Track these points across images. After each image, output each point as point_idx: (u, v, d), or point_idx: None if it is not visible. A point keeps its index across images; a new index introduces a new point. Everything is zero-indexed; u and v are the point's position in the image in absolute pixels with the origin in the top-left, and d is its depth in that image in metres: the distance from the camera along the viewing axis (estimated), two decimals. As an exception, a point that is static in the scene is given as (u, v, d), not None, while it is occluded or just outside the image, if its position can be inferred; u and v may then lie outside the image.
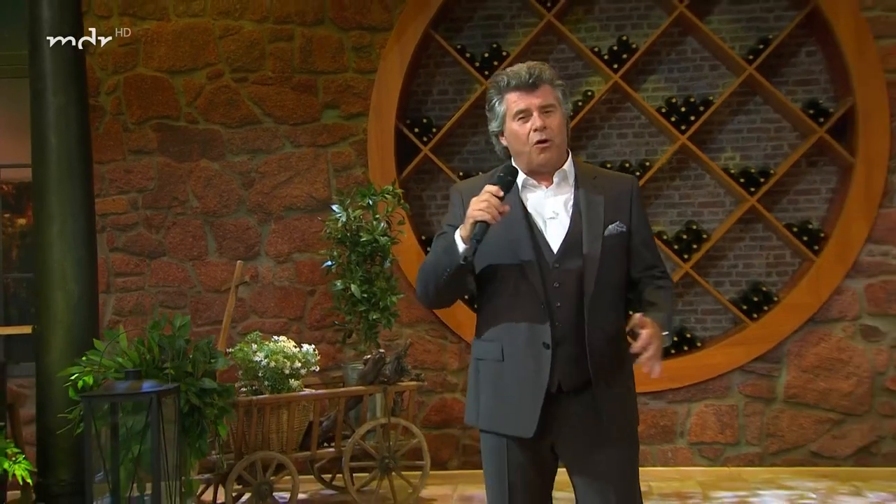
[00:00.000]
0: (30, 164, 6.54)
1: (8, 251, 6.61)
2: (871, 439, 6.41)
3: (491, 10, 6.84)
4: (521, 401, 2.88)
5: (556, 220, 2.90)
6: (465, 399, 6.22)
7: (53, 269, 4.36)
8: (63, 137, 4.37)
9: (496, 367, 2.95)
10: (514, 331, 2.91)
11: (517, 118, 2.87)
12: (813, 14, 6.46)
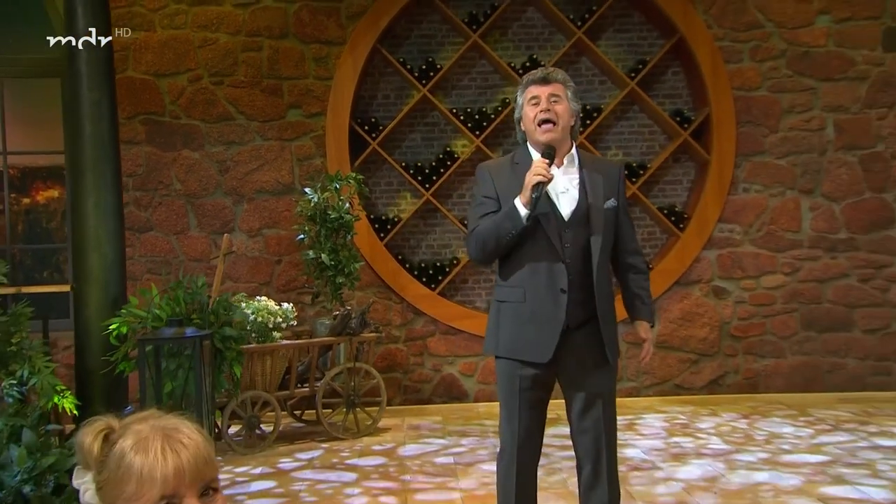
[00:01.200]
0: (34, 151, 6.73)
1: (15, 225, 6.86)
2: (719, 373, 7.20)
3: (426, 30, 7.26)
4: (541, 334, 3.15)
5: (566, 195, 3.21)
6: (405, 348, 6.79)
7: (89, 237, 4.55)
8: (96, 126, 4.57)
9: (519, 307, 3.21)
10: (536, 279, 3.18)
11: (530, 103, 3.20)
12: (679, 42, 7.10)
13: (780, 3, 7.10)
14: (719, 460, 5.14)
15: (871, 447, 5.35)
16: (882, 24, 7.14)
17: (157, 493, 1.35)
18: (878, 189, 7.17)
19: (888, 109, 7.15)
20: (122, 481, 1.38)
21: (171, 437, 1.40)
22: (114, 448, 1.43)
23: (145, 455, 1.39)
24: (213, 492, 1.40)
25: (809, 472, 4.85)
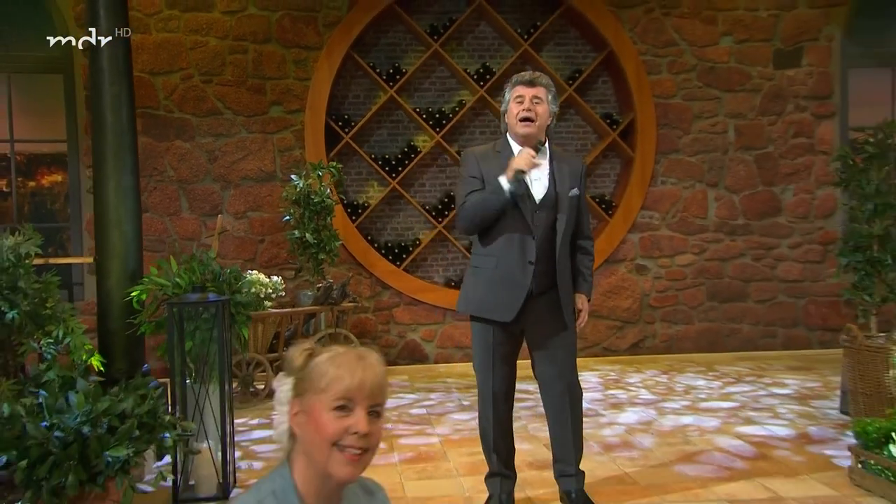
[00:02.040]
0: (38, 139, 6.57)
1: (21, 206, 6.68)
2: (640, 337, 7.45)
3: (393, 39, 7.28)
4: (508, 297, 3.27)
5: (539, 182, 3.31)
6: (374, 317, 6.84)
7: (111, 215, 4.45)
8: (117, 116, 4.46)
9: (491, 272, 3.31)
10: (509, 250, 3.29)
11: (515, 100, 3.29)
12: (609, 56, 7.28)
13: (691, 25, 7.33)
14: (650, 408, 5.32)
15: (769, 395, 5.64)
16: (773, 45, 7.44)
17: (340, 393, 1.49)
18: (768, 183, 7.47)
19: (777, 117, 7.46)
20: (316, 379, 1.53)
21: (362, 357, 1.55)
22: (314, 360, 1.56)
23: (339, 364, 1.53)
24: (377, 416, 1.53)
25: (724, 416, 5.07)
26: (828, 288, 7.48)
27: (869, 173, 5.02)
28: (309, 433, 1.52)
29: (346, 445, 1.49)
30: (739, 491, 3.66)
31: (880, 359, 4.34)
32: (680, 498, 3.59)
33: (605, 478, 3.83)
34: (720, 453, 4.26)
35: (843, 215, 7.51)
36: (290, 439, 1.60)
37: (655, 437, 4.61)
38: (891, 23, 7.69)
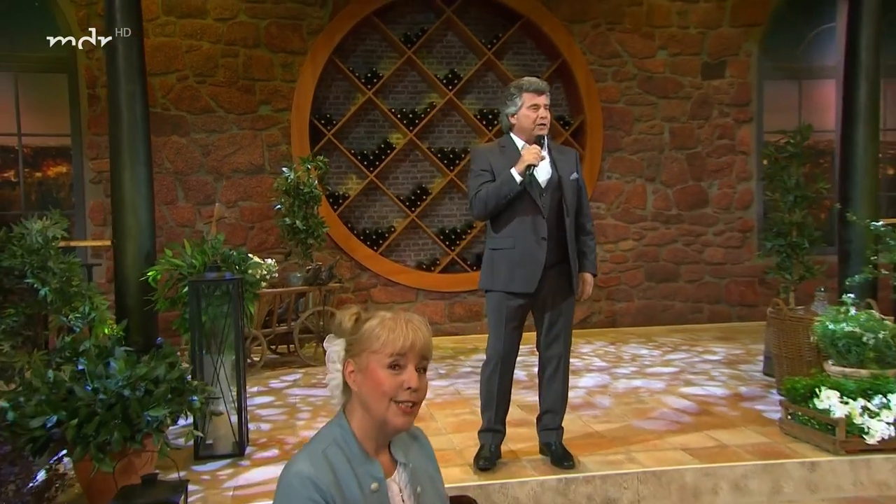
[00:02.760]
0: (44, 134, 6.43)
1: (28, 195, 6.52)
2: (588, 313, 7.59)
3: (370, 46, 7.29)
4: (528, 272, 3.35)
5: (542, 169, 3.37)
6: (354, 297, 6.87)
7: (126, 202, 4.44)
8: (132, 112, 4.44)
9: (510, 252, 3.39)
10: (523, 231, 3.36)
11: (530, 108, 3.34)
12: (561, 65, 7.41)
13: (632, 39, 7.50)
14: (604, 374, 5.48)
15: (703, 361, 5.85)
16: (701, 59, 7.67)
17: (393, 351, 1.55)
18: (697, 178, 7.71)
19: (704, 121, 7.70)
20: (370, 341, 1.58)
21: (409, 321, 1.60)
22: (364, 324, 1.63)
23: (390, 328, 1.59)
24: (424, 371, 1.60)
25: (668, 379, 5.25)
26: (746, 269, 7.79)
27: (789, 170, 5.27)
28: (366, 389, 1.58)
29: (400, 399, 1.56)
30: (690, 441, 3.84)
31: (801, 328, 4.58)
32: (641, 448, 3.76)
33: (576, 433, 3.94)
34: (669, 410, 4.44)
35: (758, 207, 7.83)
36: (343, 393, 1.67)
37: (613, 398, 4.77)
38: (798, 42, 8.02)
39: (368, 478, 1.58)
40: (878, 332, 4.07)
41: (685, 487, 3.44)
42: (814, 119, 7.52)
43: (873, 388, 3.84)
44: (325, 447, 1.59)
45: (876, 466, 3.58)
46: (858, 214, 5.10)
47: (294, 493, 1.52)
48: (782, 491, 3.50)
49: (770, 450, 3.69)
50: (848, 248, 5.39)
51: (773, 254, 5.31)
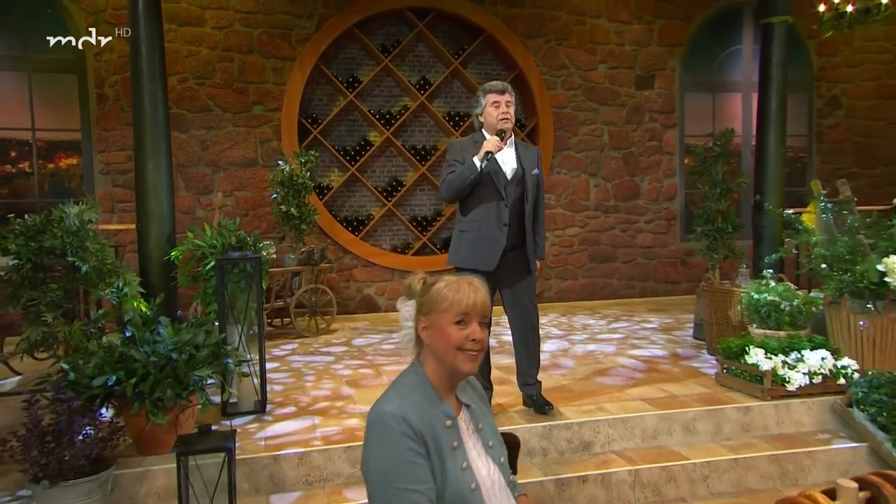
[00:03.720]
0: (56, 129, 6.29)
1: (42, 185, 6.30)
2: (541, 290, 7.72)
3: (351, 54, 7.27)
4: (489, 252, 3.42)
5: (508, 164, 3.48)
6: (337, 276, 6.92)
7: (150, 189, 4.36)
8: (154, 109, 4.35)
9: (475, 235, 3.45)
10: (488, 216, 3.43)
11: (493, 105, 3.44)
12: (518, 74, 7.52)
13: (577, 54, 7.67)
14: (563, 340, 5.66)
15: (642, 329, 6.08)
16: (634, 72, 7.92)
17: (460, 310, 1.66)
18: (631, 174, 7.98)
19: (637, 125, 7.97)
20: (439, 302, 1.68)
21: (470, 283, 1.70)
22: (432, 287, 1.73)
23: (455, 290, 1.69)
24: (485, 325, 1.71)
25: (616, 344, 5.46)
26: (670, 252, 8.12)
27: (716, 167, 5.58)
28: (438, 342, 1.68)
29: (466, 349, 1.67)
30: (645, 392, 4.07)
31: (728, 298, 4.88)
32: (606, 399, 3.96)
33: (549, 388, 4.06)
34: (623, 368, 4.66)
35: (681, 198, 8.17)
36: (416, 346, 1.77)
37: (574, 360, 4.94)
38: (712, 60, 8.37)
39: (442, 416, 1.67)
40: (792, 300, 4.39)
41: (646, 430, 3.67)
42: (724, 126, 7.87)
43: (790, 346, 4.15)
44: (406, 391, 1.68)
45: (794, 409, 3.89)
46: (772, 205, 5.45)
47: (388, 429, 1.59)
48: (722, 431, 3.77)
49: (711, 398, 3.95)
50: (761, 233, 5.72)
51: (702, 237, 5.61)
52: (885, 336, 4.16)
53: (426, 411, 1.65)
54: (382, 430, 1.61)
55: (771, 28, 5.75)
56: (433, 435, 1.63)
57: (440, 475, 1.62)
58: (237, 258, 3.87)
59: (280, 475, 3.21)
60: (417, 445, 1.59)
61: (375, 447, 1.62)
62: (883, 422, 3.67)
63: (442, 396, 1.71)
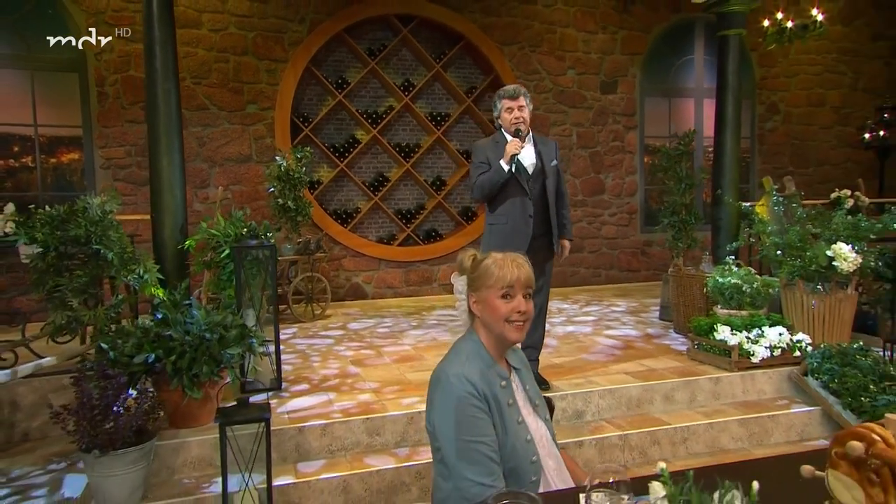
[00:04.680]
0: (57, 125, 6.17)
1: (45, 179, 6.15)
2: None
3: (339, 57, 7.26)
4: (518, 241, 3.48)
5: (529, 160, 3.56)
6: (328, 265, 6.94)
7: (164, 182, 4.28)
8: (168, 106, 4.27)
9: (503, 227, 3.54)
10: (514, 210, 3.53)
11: (506, 110, 3.55)
12: (494, 78, 7.59)
13: (548, 60, 7.81)
14: (541, 321, 5.88)
15: (612, 312, 6.26)
16: (600, 78, 8.11)
17: (505, 284, 1.76)
18: (597, 171, 8.17)
19: (602, 127, 8.16)
20: (487, 277, 1.78)
21: (514, 260, 1.79)
22: (480, 263, 1.83)
23: (501, 266, 1.78)
24: (530, 297, 1.80)
25: (592, 325, 5.62)
26: (631, 243, 8.35)
27: (680, 164, 5.82)
28: (487, 314, 1.78)
29: (513, 320, 1.76)
30: (627, 367, 4.25)
31: (693, 282, 5.11)
32: (593, 373, 4.12)
33: (541, 365, 4.18)
34: (603, 346, 4.84)
35: (641, 194, 8.42)
36: (469, 316, 1.88)
37: (557, 340, 5.09)
38: (668, 69, 8.65)
39: (498, 377, 1.77)
40: (752, 283, 4.64)
41: (631, 399, 3.86)
42: (680, 128, 8.15)
43: (752, 323, 4.39)
44: (465, 356, 1.77)
45: (757, 378, 4.14)
46: (730, 198, 5.71)
47: (454, 389, 1.69)
48: (696, 399, 3.99)
49: (685, 370, 4.17)
50: (719, 224, 5.98)
51: (668, 228, 5.84)
52: (833, 314, 4.45)
53: (484, 373, 1.75)
54: (449, 391, 1.71)
55: (727, 40, 5.99)
56: (492, 394, 1.73)
57: (501, 428, 1.72)
58: (254, 246, 3.91)
59: (305, 445, 3.28)
60: (480, 403, 1.70)
61: (444, 406, 1.72)
62: (834, 387, 3.94)
63: (496, 360, 1.81)
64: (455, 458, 1.68)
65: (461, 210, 7.69)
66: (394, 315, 6.33)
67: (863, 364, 3.98)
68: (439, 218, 7.66)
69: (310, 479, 3.04)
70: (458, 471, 1.67)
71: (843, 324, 4.49)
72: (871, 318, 5.16)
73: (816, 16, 7.33)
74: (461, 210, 7.69)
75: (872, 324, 5.14)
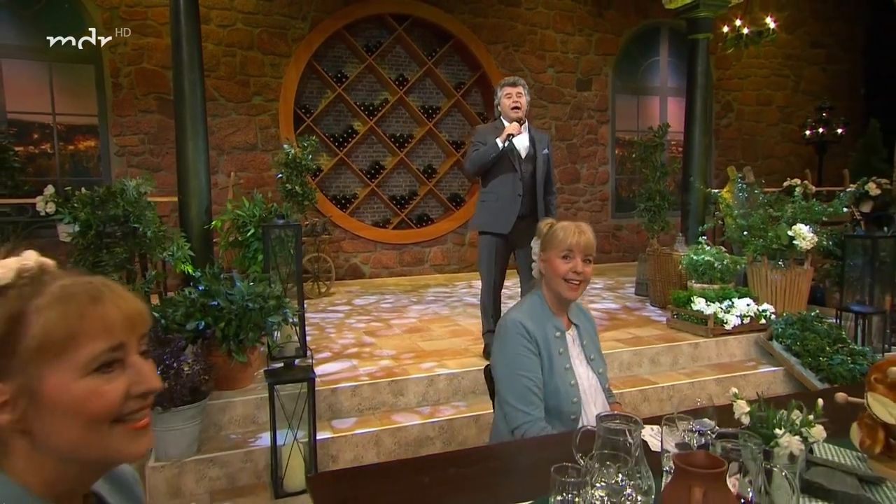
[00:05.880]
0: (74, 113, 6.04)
1: (63, 165, 6.03)
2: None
3: (339, 53, 7.25)
4: (506, 218, 3.58)
5: (522, 145, 3.65)
6: (328, 247, 6.90)
7: (191, 166, 4.23)
8: (194, 96, 4.22)
9: (494, 203, 3.61)
10: (505, 188, 3.60)
11: (506, 96, 3.65)
12: (481, 75, 7.69)
13: (530, 59, 7.91)
14: (529, 297, 6.02)
15: (592, 288, 6.24)
16: (576, 76, 8.26)
17: (566, 247, 1.85)
18: (574, 162, 8.34)
19: (578, 121, 8.31)
20: (552, 240, 1.88)
21: (578, 226, 1.89)
22: (551, 228, 1.94)
23: (565, 230, 1.89)
24: (589, 262, 1.87)
25: None
26: (604, 227, 8.54)
27: (655, 155, 6.03)
28: (549, 272, 1.88)
29: (569, 279, 1.86)
30: (616, 335, 4.42)
31: (669, 260, 5.33)
32: (586, 338, 4.32)
33: None
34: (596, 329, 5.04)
35: (612, 182, 8.63)
36: (538, 275, 1.97)
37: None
38: (637, 69, 8.85)
39: (553, 328, 1.88)
40: (723, 260, 4.87)
41: (623, 363, 4.04)
42: (645, 124, 8.37)
43: (723, 295, 4.61)
44: (526, 306, 1.89)
45: (730, 343, 4.36)
46: (699, 185, 5.94)
47: (508, 331, 1.82)
48: (678, 362, 4.19)
49: (667, 337, 4.36)
50: (688, 209, 6.21)
51: (644, 213, 6.04)
52: (792, 286, 4.71)
53: (541, 322, 1.86)
54: (506, 333, 1.84)
55: (696, 43, 6.19)
56: (544, 339, 1.85)
57: (547, 369, 1.84)
58: (281, 225, 3.94)
59: (338, 405, 3.37)
60: (530, 344, 1.81)
61: (500, 344, 1.86)
62: (796, 350, 4.19)
63: (555, 314, 1.91)
64: (503, 387, 1.82)
65: (450, 196, 7.77)
66: (393, 292, 6.40)
67: (819, 329, 4.24)
68: (430, 203, 7.73)
69: (346, 434, 3.14)
70: (504, 397, 1.80)
71: (800, 295, 4.76)
72: (820, 290, 5.47)
73: (769, 24, 7.62)
74: (450, 196, 7.77)
75: (821, 295, 5.46)
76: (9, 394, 0.70)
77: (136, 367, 0.75)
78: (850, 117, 9.61)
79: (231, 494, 2.83)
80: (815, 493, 1.15)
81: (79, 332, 0.71)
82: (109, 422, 0.72)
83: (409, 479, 1.29)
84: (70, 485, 0.75)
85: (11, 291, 0.72)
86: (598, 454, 1.12)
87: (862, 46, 10.08)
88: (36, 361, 0.70)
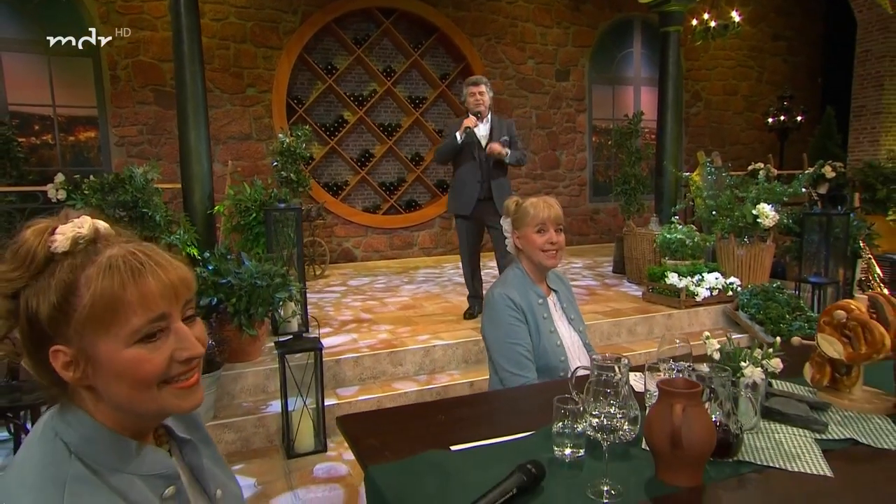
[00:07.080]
0: (74, 105, 6.01)
1: (64, 155, 6.00)
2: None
3: (328, 45, 7.25)
4: (468, 201, 3.87)
5: (483, 135, 3.89)
6: (322, 232, 6.96)
7: (193, 154, 4.27)
8: (195, 86, 4.25)
9: (460, 189, 3.89)
10: (468, 174, 3.87)
11: (470, 94, 3.88)
12: (465, 66, 7.72)
13: (512, 51, 7.98)
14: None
15: (573, 268, 6.51)
16: (555, 67, 8.35)
17: (539, 221, 1.96)
18: (553, 149, 8.45)
19: (557, 110, 8.42)
20: (524, 217, 1.98)
21: (545, 201, 2.00)
22: (521, 206, 2.05)
23: (534, 206, 1.99)
24: (562, 231, 1.98)
25: None
26: (581, 211, 8.70)
27: (631, 141, 6.18)
28: (527, 246, 1.99)
29: (546, 249, 1.97)
30: (596, 308, 4.58)
31: (644, 238, 5.51)
32: (568, 311, 4.49)
33: None
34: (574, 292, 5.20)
35: (589, 168, 8.79)
36: (514, 250, 2.13)
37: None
38: (612, 60, 8.98)
39: (535, 296, 1.99)
40: (693, 237, 5.06)
41: (603, 333, 4.21)
42: (620, 112, 8.51)
43: (694, 270, 4.81)
44: (509, 279, 1.99)
45: (701, 314, 4.56)
46: (671, 169, 6.11)
47: (496, 305, 1.92)
48: (654, 332, 4.37)
49: (643, 309, 4.54)
50: (661, 191, 6.39)
51: (620, 195, 6.22)
52: (755, 261, 4.92)
53: (524, 292, 1.98)
54: (493, 306, 1.95)
55: (668, 35, 6.33)
56: (529, 308, 1.97)
57: (535, 334, 1.97)
58: (283, 208, 4.03)
59: (341, 374, 3.50)
60: (518, 314, 1.93)
61: (490, 317, 1.97)
62: (760, 318, 4.40)
63: (535, 283, 2.04)
64: (497, 356, 1.93)
65: (437, 182, 7.86)
66: (385, 274, 6.50)
67: (780, 299, 4.46)
68: (418, 189, 7.81)
69: (350, 400, 3.27)
70: (499, 363, 1.92)
71: (763, 269, 4.97)
72: (781, 264, 5.70)
73: (735, 17, 7.80)
74: (437, 182, 7.86)
75: (782, 269, 5.69)
76: (70, 356, 0.73)
77: (180, 334, 0.77)
78: (809, 105, 9.87)
79: (246, 456, 2.95)
80: (773, 417, 1.31)
81: (120, 306, 0.72)
82: (157, 384, 0.76)
83: (428, 417, 1.43)
84: (136, 427, 0.80)
85: (67, 260, 0.74)
86: (593, 389, 1.26)
87: (820, 38, 10.33)
88: (86, 331, 0.72)
